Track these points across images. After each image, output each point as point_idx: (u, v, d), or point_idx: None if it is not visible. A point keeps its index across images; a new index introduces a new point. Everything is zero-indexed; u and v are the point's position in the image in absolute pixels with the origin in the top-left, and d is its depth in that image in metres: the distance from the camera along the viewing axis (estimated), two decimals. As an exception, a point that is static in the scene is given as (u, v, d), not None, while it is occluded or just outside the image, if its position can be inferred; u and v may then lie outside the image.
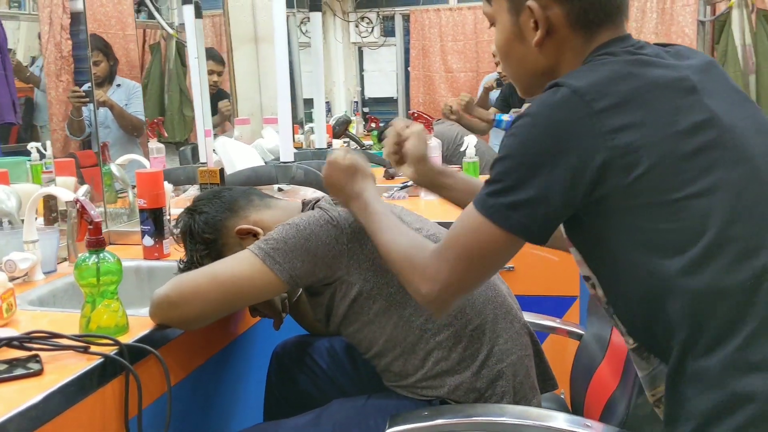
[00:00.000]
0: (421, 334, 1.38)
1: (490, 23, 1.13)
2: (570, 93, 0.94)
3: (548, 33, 1.04)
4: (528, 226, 0.96)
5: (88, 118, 2.21)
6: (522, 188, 0.95)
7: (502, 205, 0.96)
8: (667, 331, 0.96)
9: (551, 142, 0.94)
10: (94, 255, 1.32)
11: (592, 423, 1.34)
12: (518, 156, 0.96)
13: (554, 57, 1.06)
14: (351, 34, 5.96)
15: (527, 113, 0.97)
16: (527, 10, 1.04)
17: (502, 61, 1.14)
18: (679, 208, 0.92)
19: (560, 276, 2.23)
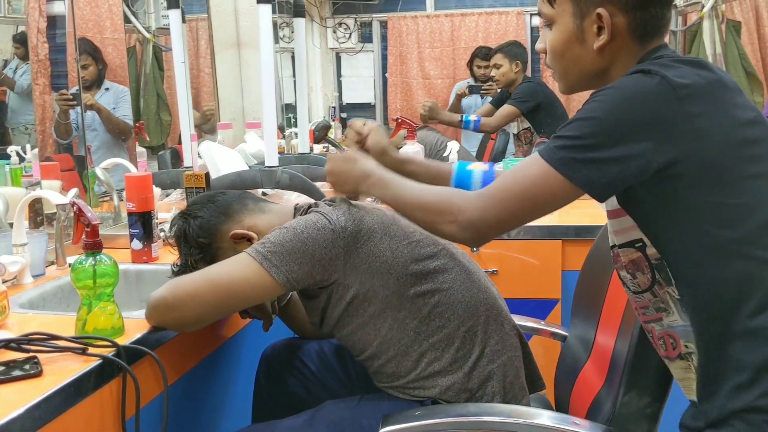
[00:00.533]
0: (415, 336, 1.41)
1: (546, 23, 1.21)
2: (661, 79, 1.04)
3: (610, 39, 1.14)
4: (595, 182, 1.06)
5: (75, 121, 2.20)
6: (599, 149, 1.05)
7: (574, 159, 1.06)
8: (719, 291, 1.08)
9: (639, 116, 1.05)
10: (90, 257, 1.33)
11: (579, 421, 1.38)
12: (601, 120, 1.05)
13: (609, 60, 1.17)
14: (329, 40, 5.99)
15: (616, 86, 1.07)
16: (593, 16, 1.14)
17: (554, 60, 1.22)
18: (741, 187, 1.06)
19: (542, 279, 2.28)
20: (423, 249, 1.45)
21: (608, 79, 1.17)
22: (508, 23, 5.65)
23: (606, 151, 1.05)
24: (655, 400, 1.34)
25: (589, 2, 1.14)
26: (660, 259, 1.14)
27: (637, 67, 1.09)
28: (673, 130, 1.04)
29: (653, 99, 1.04)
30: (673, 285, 1.14)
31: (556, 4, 1.18)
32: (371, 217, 1.44)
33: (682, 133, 1.04)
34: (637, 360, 1.34)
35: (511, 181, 1.13)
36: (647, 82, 1.05)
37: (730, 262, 1.06)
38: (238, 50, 3.41)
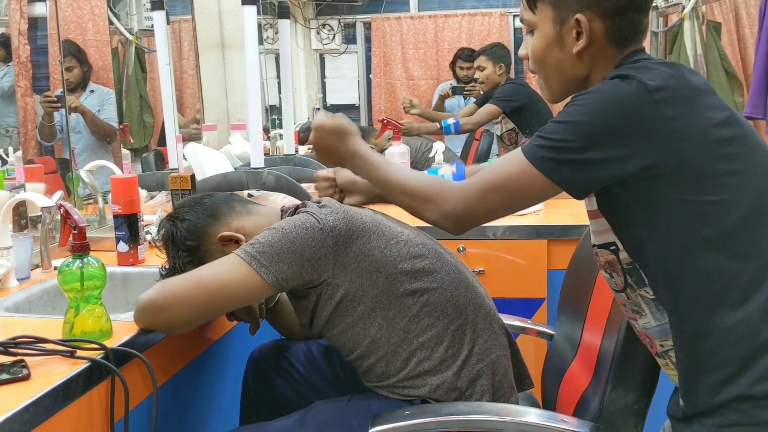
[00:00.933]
0: (404, 335, 1.42)
1: (528, 30, 1.24)
2: (638, 83, 1.08)
3: (588, 44, 1.18)
4: (573, 181, 1.12)
5: (59, 123, 2.19)
6: (579, 152, 1.09)
7: (554, 159, 1.11)
8: (698, 287, 1.10)
9: (617, 121, 1.08)
10: (78, 260, 1.32)
11: (567, 418, 1.39)
12: (581, 124, 1.10)
13: (588, 65, 1.21)
14: (312, 41, 5.98)
15: (595, 90, 1.11)
16: (573, 22, 1.17)
17: (536, 66, 1.25)
18: (719, 185, 1.08)
19: (528, 278, 2.29)
20: (412, 248, 1.46)
21: (589, 85, 1.21)
22: (491, 24, 5.67)
23: (585, 154, 1.09)
24: (642, 396, 1.36)
25: (568, 8, 1.17)
26: (631, 263, 1.18)
27: (615, 72, 1.13)
28: (651, 133, 1.08)
29: (631, 103, 1.08)
30: (646, 286, 1.17)
31: (537, 10, 1.21)
32: (360, 216, 1.45)
33: (660, 136, 1.07)
34: (623, 357, 1.35)
35: (494, 175, 1.19)
36: (625, 87, 1.09)
37: (709, 257, 1.09)
38: (222, 51, 3.40)
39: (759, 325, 1.07)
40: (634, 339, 1.35)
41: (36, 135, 2.21)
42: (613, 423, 1.37)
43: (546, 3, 1.20)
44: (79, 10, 2.64)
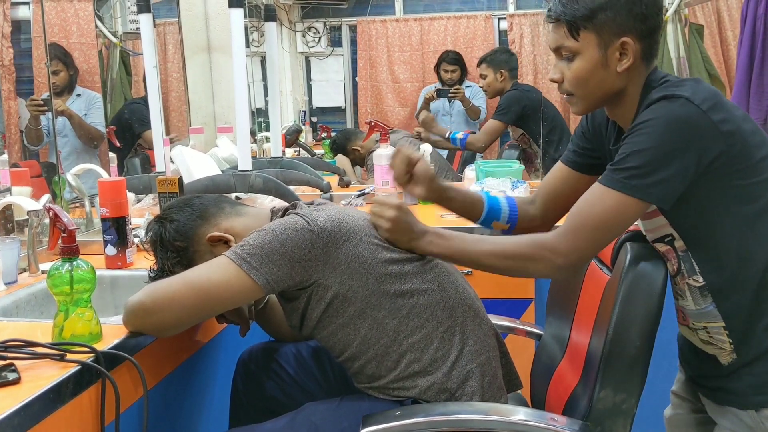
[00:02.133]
0: (394, 336, 1.42)
1: (568, 55, 1.36)
2: (685, 100, 1.26)
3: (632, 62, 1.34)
4: (664, 197, 1.29)
5: (46, 127, 2.18)
6: (660, 171, 1.26)
7: (644, 185, 1.27)
8: (745, 256, 1.32)
9: (681, 136, 1.26)
10: (67, 263, 1.32)
11: (557, 417, 1.40)
12: (655, 149, 1.26)
13: (627, 81, 1.36)
14: (298, 44, 5.97)
15: (653, 116, 1.27)
16: (617, 44, 1.32)
17: (578, 86, 1.38)
18: (756, 169, 1.29)
19: (516, 279, 2.29)
20: (402, 251, 1.47)
21: (625, 96, 1.37)
22: (476, 27, 5.69)
23: (666, 171, 1.26)
24: (630, 396, 1.37)
25: (612, 33, 1.32)
26: (686, 250, 1.36)
27: (660, 94, 1.29)
28: (707, 137, 1.26)
29: (686, 118, 1.25)
30: (696, 274, 1.36)
31: (580, 38, 1.33)
32: (350, 218, 1.45)
33: (715, 137, 1.26)
34: (612, 357, 1.37)
35: (592, 214, 1.32)
36: (677, 107, 1.26)
37: (754, 228, 1.30)
38: (208, 54, 3.39)
39: None
40: (622, 338, 1.36)
41: (22, 139, 2.19)
42: (602, 422, 1.38)
43: (589, 31, 1.32)
44: (63, 12, 2.63)
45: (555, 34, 1.37)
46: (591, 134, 1.55)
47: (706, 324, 1.39)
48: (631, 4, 1.31)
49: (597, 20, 1.31)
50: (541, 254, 1.34)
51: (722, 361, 1.39)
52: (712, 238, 1.33)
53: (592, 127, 1.54)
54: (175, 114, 3.50)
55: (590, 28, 1.32)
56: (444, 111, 4.83)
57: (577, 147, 1.58)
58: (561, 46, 1.36)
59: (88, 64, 2.52)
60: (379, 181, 2.73)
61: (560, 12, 1.34)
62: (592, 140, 1.55)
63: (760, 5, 3.53)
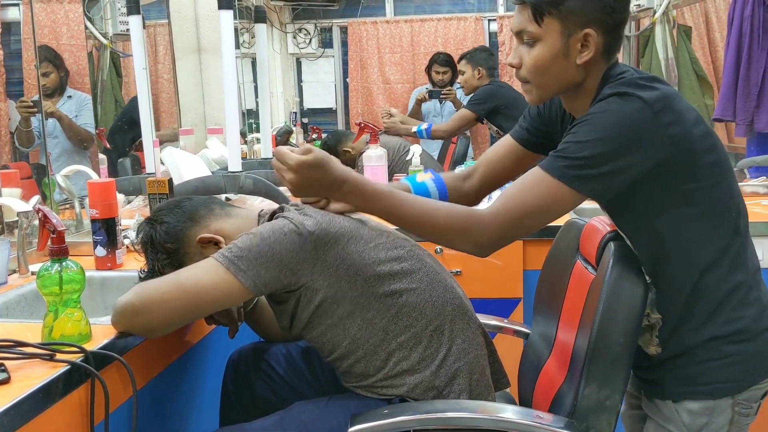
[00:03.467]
0: (383, 336, 1.44)
1: (529, 40, 1.34)
2: (638, 99, 1.26)
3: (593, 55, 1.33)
4: (600, 191, 1.31)
5: (37, 128, 2.18)
6: (601, 165, 1.26)
7: (582, 176, 1.28)
8: (679, 255, 1.35)
9: (627, 134, 1.26)
10: (56, 264, 1.33)
11: (543, 414, 1.42)
12: (598, 142, 1.26)
13: (585, 73, 1.35)
14: (289, 46, 5.99)
15: (602, 110, 1.27)
16: (580, 35, 1.30)
17: (536, 74, 1.35)
18: (701, 173, 1.31)
19: (505, 279, 2.32)
20: (390, 251, 1.48)
21: (582, 89, 1.37)
22: (467, 29, 5.72)
23: (607, 166, 1.26)
24: (614, 392, 1.39)
25: (577, 23, 1.30)
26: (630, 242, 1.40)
27: (613, 90, 1.29)
28: (656, 139, 1.26)
29: (637, 117, 1.26)
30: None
31: (543, 23, 1.31)
32: (338, 221, 1.46)
33: (663, 140, 1.26)
34: (596, 354, 1.38)
35: (525, 199, 1.32)
36: (628, 104, 1.26)
37: (689, 233, 1.33)
38: (198, 56, 3.40)
39: (726, 277, 1.34)
40: (606, 336, 1.38)
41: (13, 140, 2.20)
42: (586, 418, 1.40)
43: (554, 17, 1.30)
44: (53, 14, 2.63)
45: (519, 17, 1.34)
46: (546, 116, 1.54)
47: (649, 311, 1.42)
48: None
49: (563, 8, 1.29)
50: (469, 230, 1.34)
51: (649, 352, 1.43)
52: (652, 235, 1.36)
53: (550, 110, 1.53)
54: (165, 115, 3.50)
55: (555, 15, 1.30)
56: (435, 112, 4.86)
57: (530, 125, 1.57)
58: (523, 30, 1.34)
59: (78, 66, 2.52)
60: (369, 181, 2.75)
61: None
62: (547, 122, 1.54)
63: (746, 7, 3.56)
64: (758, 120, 3.50)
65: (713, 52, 5.03)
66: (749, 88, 3.53)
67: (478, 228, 1.33)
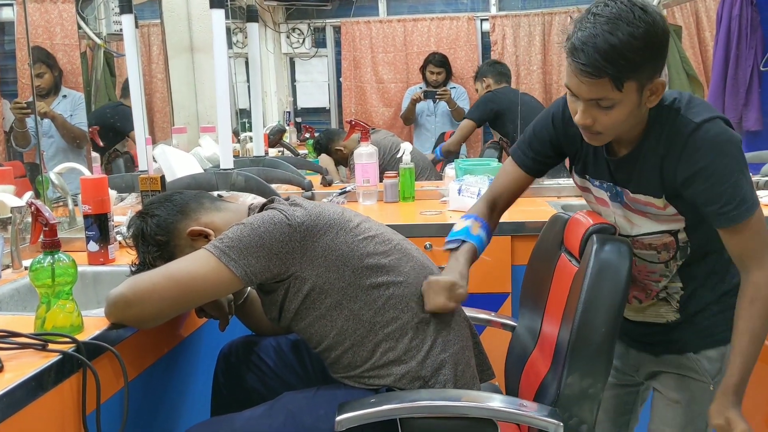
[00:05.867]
0: (370, 327, 1.47)
1: (607, 105, 1.37)
2: (724, 122, 1.42)
3: None
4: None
5: (32, 129, 2.21)
6: (748, 186, 1.41)
7: (755, 202, 1.42)
8: (714, 256, 1.56)
9: (740, 156, 1.42)
10: (49, 256, 1.35)
11: (527, 403, 1.45)
12: (741, 170, 1.40)
13: (647, 113, 1.45)
14: (282, 45, 6.00)
15: (731, 141, 1.40)
16: (652, 86, 1.37)
17: (614, 129, 1.42)
18: None
19: (494, 274, 2.35)
20: (378, 245, 1.51)
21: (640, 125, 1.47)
22: (459, 28, 5.74)
23: (748, 183, 1.44)
24: (597, 381, 1.43)
25: (648, 77, 1.35)
26: (686, 242, 1.53)
27: (702, 118, 1.41)
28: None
29: (737, 141, 1.43)
30: (687, 257, 1.55)
31: (624, 87, 1.33)
32: (327, 213, 1.49)
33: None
34: (578, 343, 1.42)
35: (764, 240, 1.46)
36: (727, 130, 1.42)
37: (722, 250, 1.48)
38: (191, 55, 3.42)
39: (727, 267, 1.55)
40: (588, 326, 1.41)
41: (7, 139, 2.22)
42: (569, 407, 1.43)
43: (632, 80, 1.33)
44: (46, 14, 2.65)
45: (593, 87, 1.34)
46: (561, 142, 1.61)
47: (669, 290, 1.59)
48: (661, 49, 1.34)
49: (641, 69, 1.32)
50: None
51: (665, 320, 1.60)
52: (702, 242, 1.52)
53: (565, 136, 1.60)
54: (159, 115, 3.52)
55: (633, 79, 1.33)
56: (429, 111, 4.88)
57: (538, 154, 1.65)
58: (603, 98, 1.35)
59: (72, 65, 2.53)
60: (360, 179, 2.77)
61: (604, 67, 1.30)
62: (562, 147, 1.63)
63: (735, 6, 3.60)
64: (747, 118, 3.54)
65: (703, 51, 5.05)
66: (738, 87, 3.57)
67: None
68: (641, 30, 1.28)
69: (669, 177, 1.44)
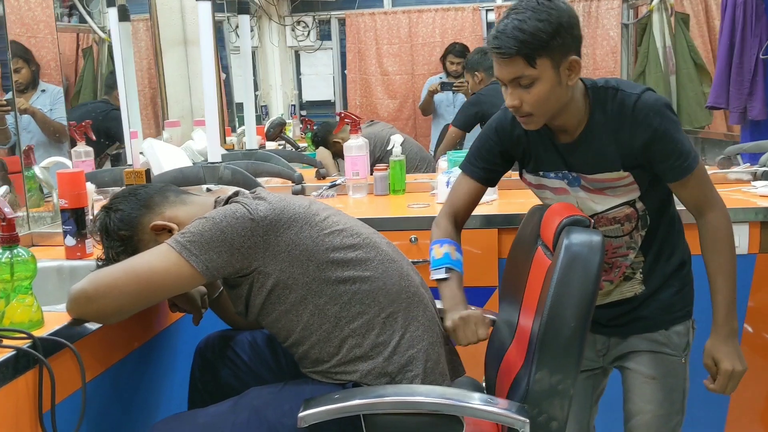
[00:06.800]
0: (335, 322, 1.44)
1: (526, 84, 1.49)
2: (651, 91, 1.55)
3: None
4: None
5: (12, 125, 2.20)
6: (692, 146, 1.57)
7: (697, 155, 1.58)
8: (671, 221, 1.71)
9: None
10: (7, 251, 1.34)
11: (494, 399, 1.42)
12: (680, 129, 1.56)
13: (571, 91, 1.54)
14: (287, 38, 5.98)
15: (667, 104, 1.55)
16: (567, 62, 1.49)
17: (541, 106, 1.51)
18: None
19: (481, 267, 2.31)
20: (346, 239, 1.48)
21: (566, 105, 1.55)
22: (464, 19, 5.70)
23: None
24: (566, 377, 1.39)
25: (562, 54, 1.48)
26: (645, 209, 1.64)
27: (631, 90, 1.56)
28: None
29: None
30: (647, 225, 1.65)
31: (537, 65, 1.47)
32: (292, 207, 1.47)
33: None
34: (546, 338, 1.38)
35: (709, 182, 1.62)
36: (659, 97, 1.56)
37: (673, 212, 1.69)
38: (185, 48, 3.40)
39: (675, 214, 1.71)
40: (557, 320, 1.38)
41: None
42: (539, 403, 1.39)
43: (545, 57, 1.46)
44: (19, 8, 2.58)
45: (511, 67, 1.48)
46: (507, 148, 1.70)
47: (634, 265, 1.69)
48: (571, 28, 1.48)
49: (550, 47, 1.46)
50: (728, 226, 1.60)
51: (633, 293, 1.69)
52: (656, 195, 1.63)
53: (510, 141, 1.69)
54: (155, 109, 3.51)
55: (545, 55, 1.46)
56: (448, 102, 4.83)
57: (488, 163, 1.73)
58: (520, 76, 1.48)
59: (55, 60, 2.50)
60: (350, 172, 2.75)
61: (516, 47, 1.45)
62: (510, 152, 1.71)
63: (740, -8, 3.52)
64: (751, 107, 3.46)
65: (713, 40, 4.97)
66: (742, 76, 3.48)
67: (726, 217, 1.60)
68: (544, 14, 1.45)
69: (626, 146, 1.55)
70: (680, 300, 1.70)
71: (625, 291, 1.71)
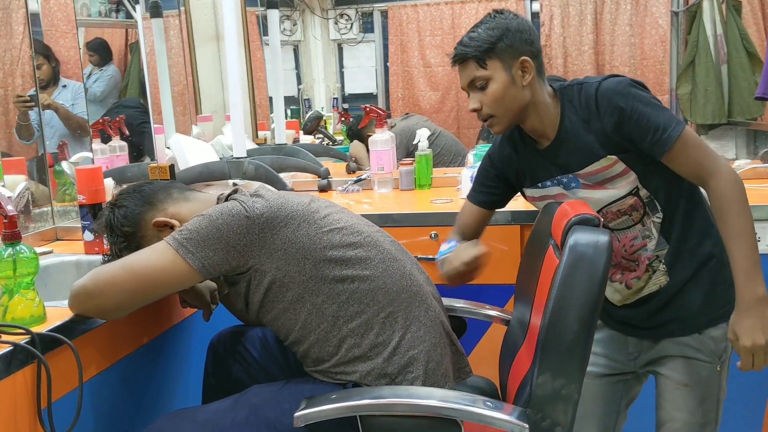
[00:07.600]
0: (333, 322, 1.42)
1: (482, 84, 1.57)
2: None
3: (532, 76, 1.58)
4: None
5: (35, 121, 2.24)
6: (672, 115, 1.54)
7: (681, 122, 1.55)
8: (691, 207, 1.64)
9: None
10: (9, 248, 1.36)
11: (494, 402, 1.37)
12: (651, 102, 1.54)
13: (531, 92, 1.59)
14: (330, 31, 5.98)
15: (631, 83, 1.56)
16: (518, 63, 1.56)
17: (497, 106, 1.58)
18: None
19: (502, 264, 2.25)
20: (345, 237, 1.46)
21: (536, 106, 1.60)
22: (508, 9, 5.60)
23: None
24: (570, 381, 1.34)
25: (512, 56, 1.56)
26: (650, 197, 1.60)
27: (593, 81, 1.60)
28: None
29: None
30: (658, 211, 1.61)
31: (487, 66, 1.55)
32: (290, 204, 1.45)
33: None
34: (549, 342, 1.33)
35: (706, 146, 1.56)
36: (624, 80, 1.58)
37: (691, 193, 1.62)
38: (217, 42, 3.42)
39: (705, 230, 1.62)
40: (559, 323, 1.33)
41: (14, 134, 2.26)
42: (542, 408, 1.35)
43: (494, 58, 1.55)
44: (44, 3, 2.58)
45: (466, 71, 1.58)
46: (500, 169, 1.75)
47: (658, 253, 1.63)
48: (519, 32, 1.56)
49: (498, 48, 1.54)
50: (739, 184, 1.51)
51: (657, 286, 1.63)
52: (660, 177, 1.59)
53: (500, 161, 1.75)
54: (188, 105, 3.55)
55: (494, 56, 1.55)
56: None
57: (489, 188, 1.80)
58: (474, 78, 1.57)
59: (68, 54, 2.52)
60: (375, 167, 2.72)
61: (466, 52, 1.57)
62: (506, 175, 1.76)
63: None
64: (801, 99, 3.30)
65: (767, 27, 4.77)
66: (795, 65, 3.33)
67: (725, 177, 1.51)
68: (493, 23, 1.56)
69: (601, 134, 1.57)
70: (714, 299, 1.61)
71: (650, 285, 1.65)
